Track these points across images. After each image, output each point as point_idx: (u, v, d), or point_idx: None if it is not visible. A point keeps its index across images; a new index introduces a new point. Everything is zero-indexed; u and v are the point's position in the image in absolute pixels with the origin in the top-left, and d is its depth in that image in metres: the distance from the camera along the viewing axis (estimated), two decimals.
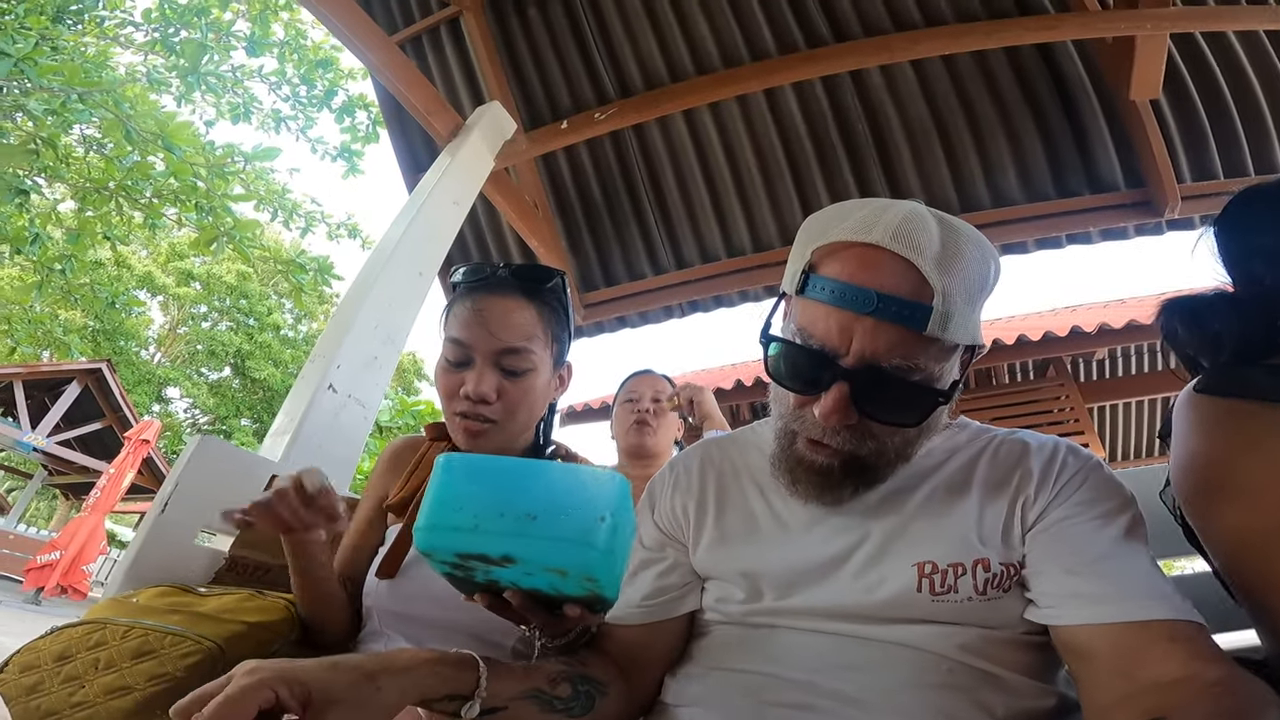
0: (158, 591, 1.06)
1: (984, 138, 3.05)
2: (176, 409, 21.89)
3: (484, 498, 0.59)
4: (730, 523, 0.82)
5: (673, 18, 3.14)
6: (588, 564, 0.58)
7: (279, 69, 9.14)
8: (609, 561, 0.58)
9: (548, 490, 0.59)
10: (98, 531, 8.32)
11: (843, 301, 0.64)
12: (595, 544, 0.57)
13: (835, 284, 0.65)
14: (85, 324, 17.44)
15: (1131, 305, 6.05)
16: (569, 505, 0.58)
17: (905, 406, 0.67)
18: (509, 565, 0.59)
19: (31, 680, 0.90)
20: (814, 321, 0.67)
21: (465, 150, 2.80)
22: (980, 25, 2.72)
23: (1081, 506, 0.68)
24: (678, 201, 3.60)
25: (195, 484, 1.27)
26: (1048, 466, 0.72)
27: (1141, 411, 6.17)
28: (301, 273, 7.84)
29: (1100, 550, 0.64)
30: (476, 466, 0.61)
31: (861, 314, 0.63)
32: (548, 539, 0.57)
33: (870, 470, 0.70)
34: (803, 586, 0.74)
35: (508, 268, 1.04)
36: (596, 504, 0.58)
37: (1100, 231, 3.05)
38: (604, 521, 0.57)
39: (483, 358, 0.99)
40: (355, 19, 2.56)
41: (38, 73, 5.44)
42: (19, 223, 7.14)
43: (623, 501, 0.60)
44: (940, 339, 0.63)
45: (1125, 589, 0.61)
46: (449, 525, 0.58)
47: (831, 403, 0.65)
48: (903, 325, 0.63)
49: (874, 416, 0.67)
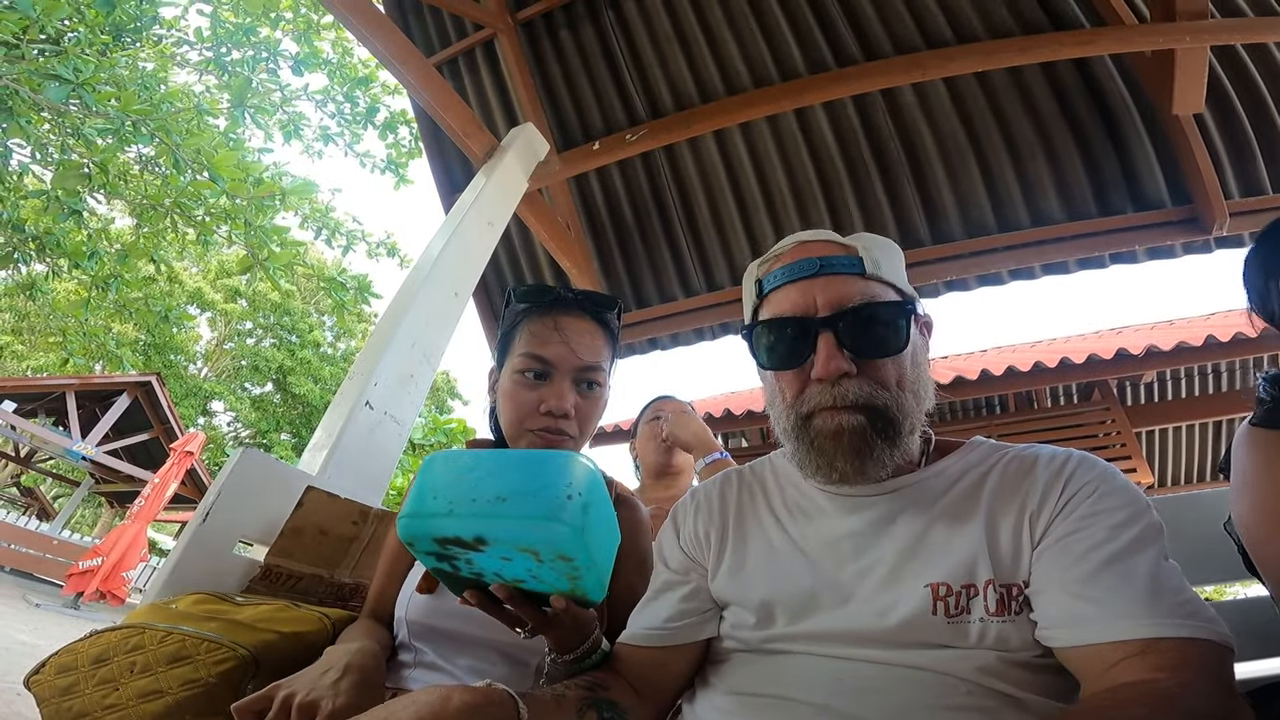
0: (196, 599, 1.08)
1: (1021, 155, 3.00)
2: (220, 422, 22.57)
3: (458, 484, 0.62)
4: (749, 551, 0.83)
5: (702, 39, 3.18)
6: (557, 541, 0.59)
7: (325, 87, 9.49)
8: (581, 540, 0.59)
9: (517, 474, 0.62)
10: (139, 539, 8.57)
11: (795, 275, 0.76)
12: (563, 519, 0.59)
13: (783, 269, 0.78)
14: (137, 338, 18.15)
15: (1180, 326, 5.85)
16: (537, 485, 0.60)
17: (886, 333, 0.73)
18: (484, 548, 0.62)
19: (67, 681, 0.93)
20: (780, 304, 0.77)
21: (500, 171, 2.85)
22: (1014, 41, 2.69)
23: (1086, 519, 0.67)
24: (709, 223, 3.61)
25: (236, 495, 1.31)
26: (1054, 479, 0.71)
27: (1192, 436, 5.93)
28: (342, 290, 8.08)
29: (1095, 567, 0.63)
30: (453, 458, 0.66)
31: (813, 277, 0.75)
32: (516, 518, 0.59)
33: (893, 424, 0.73)
34: (817, 611, 0.73)
35: (573, 291, 1.09)
36: (564, 483, 0.60)
37: (1146, 250, 2.96)
38: (571, 500, 0.59)
39: (562, 374, 1.03)
40: (395, 41, 2.65)
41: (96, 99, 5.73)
42: (77, 238, 7.51)
43: (593, 484, 0.62)
44: (880, 277, 0.75)
45: (1113, 607, 0.60)
46: (425, 512, 0.62)
47: (825, 352, 0.72)
48: (847, 273, 0.75)
49: (865, 353, 0.73)
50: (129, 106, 5.95)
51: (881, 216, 3.25)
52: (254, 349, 21.69)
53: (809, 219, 3.39)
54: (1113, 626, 0.59)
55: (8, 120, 5.86)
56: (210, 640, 0.93)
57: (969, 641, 0.66)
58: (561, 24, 3.41)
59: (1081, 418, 5.17)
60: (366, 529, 1.43)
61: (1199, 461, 6.08)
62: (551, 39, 3.46)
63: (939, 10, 2.83)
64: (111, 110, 5.97)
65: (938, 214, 3.17)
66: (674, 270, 3.73)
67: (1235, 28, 2.44)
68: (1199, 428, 5.85)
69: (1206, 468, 6.11)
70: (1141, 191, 2.88)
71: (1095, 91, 2.85)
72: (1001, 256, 3.08)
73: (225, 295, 20.98)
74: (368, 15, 2.55)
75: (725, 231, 3.59)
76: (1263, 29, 2.47)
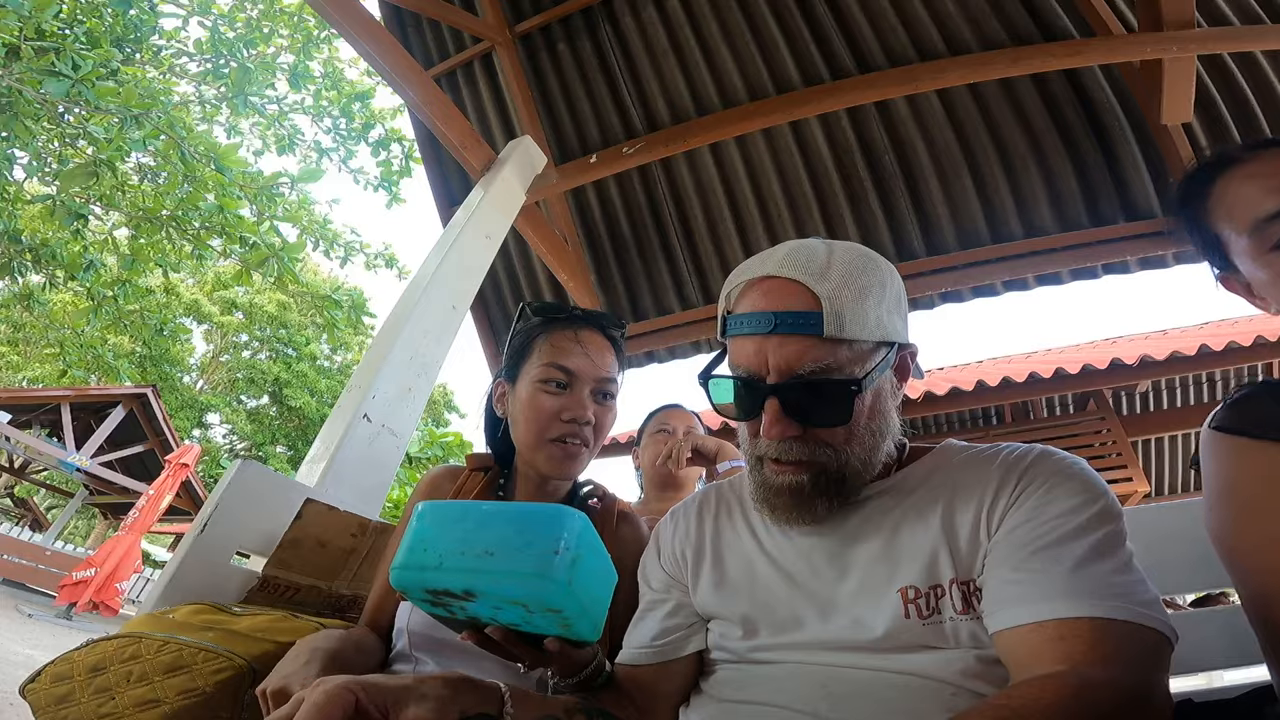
0: (193, 609, 1.08)
1: (1014, 167, 3.03)
2: (215, 434, 22.46)
3: (448, 537, 0.63)
4: (728, 565, 0.85)
5: (698, 52, 3.22)
6: (546, 596, 0.60)
7: (316, 105, 9.56)
8: (569, 594, 0.60)
9: (506, 527, 0.62)
10: (133, 550, 8.51)
11: (751, 328, 0.74)
12: (551, 576, 0.59)
13: (744, 317, 0.75)
14: (133, 350, 18.10)
15: (1174, 336, 5.89)
16: (523, 541, 0.60)
17: (832, 405, 0.72)
18: (474, 600, 0.62)
19: (63, 690, 0.93)
20: (736, 355, 0.77)
21: (498, 184, 2.87)
22: (1005, 52, 2.72)
23: (1035, 510, 0.67)
24: (705, 236, 3.63)
25: (234, 506, 1.30)
26: (1010, 472, 0.72)
27: (1188, 445, 5.95)
28: (336, 307, 8.08)
29: (1029, 553, 0.63)
30: (444, 510, 0.66)
31: (767, 334, 0.72)
32: (504, 573, 0.60)
33: (839, 482, 0.74)
34: (799, 623, 0.75)
35: (585, 311, 1.15)
36: (552, 538, 0.60)
37: (1138, 260, 2.98)
38: (559, 555, 0.59)
39: (583, 383, 1.08)
40: (394, 54, 2.68)
41: (96, 94, 5.76)
42: (75, 249, 7.51)
43: (585, 536, 0.62)
44: (842, 337, 0.70)
45: (1036, 589, 0.60)
46: (416, 564, 0.63)
47: (769, 418, 0.72)
48: (802, 334, 0.71)
49: (809, 421, 0.72)
50: (131, 100, 5.98)
51: (876, 228, 3.27)
52: (250, 361, 21.63)
53: (804, 231, 3.41)
54: (1032, 608, 0.59)
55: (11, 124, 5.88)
56: (207, 650, 0.93)
57: (948, 642, 0.67)
58: (559, 37, 3.45)
59: (1077, 428, 5.19)
60: (365, 541, 1.42)
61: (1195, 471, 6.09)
62: (549, 52, 3.49)
63: (931, 23, 2.87)
64: (114, 105, 5.99)
65: (932, 226, 3.20)
66: (670, 283, 3.74)
67: (1222, 37, 2.47)
68: (1194, 437, 5.86)
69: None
70: (1132, 202, 2.91)
71: (1085, 102, 2.89)
72: (995, 268, 3.10)
73: (222, 308, 20.96)
74: (367, 27, 2.57)
75: (721, 244, 3.61)
76: (1249, 38, 2.50)
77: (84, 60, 5.79)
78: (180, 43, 8.78)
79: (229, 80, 8.25)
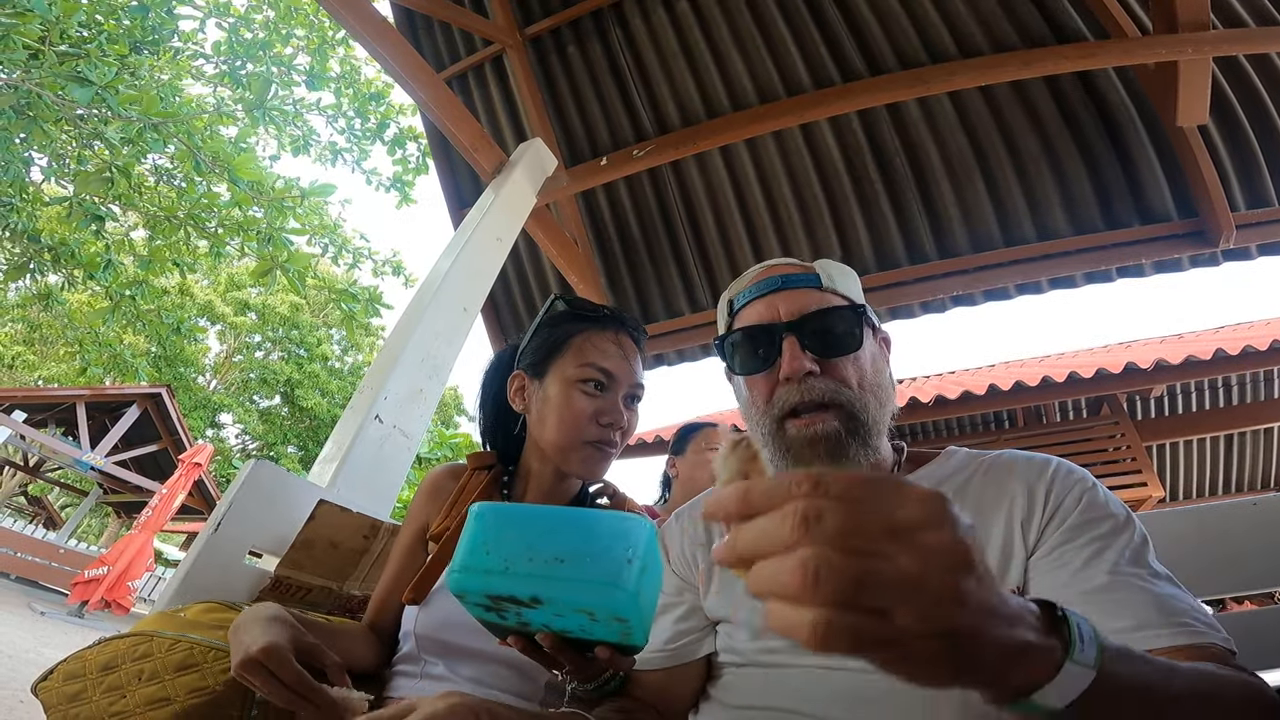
0: (205, 607, 1.09)
1: (1027, 169, 3.00)
2: (228, 434, 22.66)
3: (514, 542, 0.62)
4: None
5: (708, 55, 3.22)
6: (616, 605, 0.59)
7: (335, 103, 9.64)
8: (637, 603, 0.60)
9: (575, 534, 0.62)
10: (146, 549, 8.60)
11: (760, 292, 0.85)
12: (624, 585, 0.58)
13: (750, 290, 0.86)
14: (148, 350, 18.31)
15: (1189, 340, 5.82)
16: (596, 549, 0.60)
17: (843, 334, 0.80)
18: (538, 607, 0.62)
19: (74, 689, 0.93)
20: (748, 317, 0.85)
21: (509, 187, 2.87)
22: (1017, 54, 2.70)
23: (1076, 530, 0.67)
24: (715, 238, 3.62)
25: (247, 506, 1.31)
26: (1037, 485, 0.72)
27: (1203, 449, 5.89)
28: (353, 301, 8.15)
29: (1097, 582, 0.63)
30: (507, 513, 0.65)
31: (777, 291, 0.84)
32: (576, 581, 0.59)
33: (862, 424, 0.76)
34: None
35: (616, 311, 1.14)
36: (623, 547, 0.60)
37: (1153, 264, 2.94)
38: (631, 564, 0.59)
39: (620, 388, 1.07)
40: (406, 56, 2.69)
41: (118, 101, 5.82)
42: (93, 249, 7.61)
43: (650, 545, 0.62)
44: (835, 290, 0.84)
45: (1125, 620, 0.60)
46: (480, 568, 0.62)
47: (789, 353, 0.77)
48: (805, 287, 0.83)
49: (826, 352, 0.78)
50: (151, 110, 6.05)
51: (888, 231, 3.25)
52: (262, 362, 21.82)
53: (815, 234, 3.40)
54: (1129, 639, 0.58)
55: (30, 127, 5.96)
56: (217, 648, 0.94)
57: None
58: (570, 40, 3.46)
59: (1091, 432, 5.14)
60: (377, 543, 1.43)
61: (1209, 475, 6.02)
62: (560, 55, 3.50)
63: (942, 24, 2.85)
64: (134, 113, 6.06)
65: (944, 229, 3.17)
66: (680, 285, 3.73)
67: (1237, 38, 2.44)
68: (1209, 441, 5.80)
69: (1218, 481, 6.05)
70: (1147, 205, 2.88)
71: (1099, 104, 2.86)
72: (1008, 271, 3.07)
73: (235, 308, 21.16)
74: (379, 30, 2.59)
75: (731, 247, 3.60)
76: (1264, 39, 2.46)
77: (107, 66, 5.86)
78: (198, 44, 8.88)
79: (248, 86, 8.33)
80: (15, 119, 5.90)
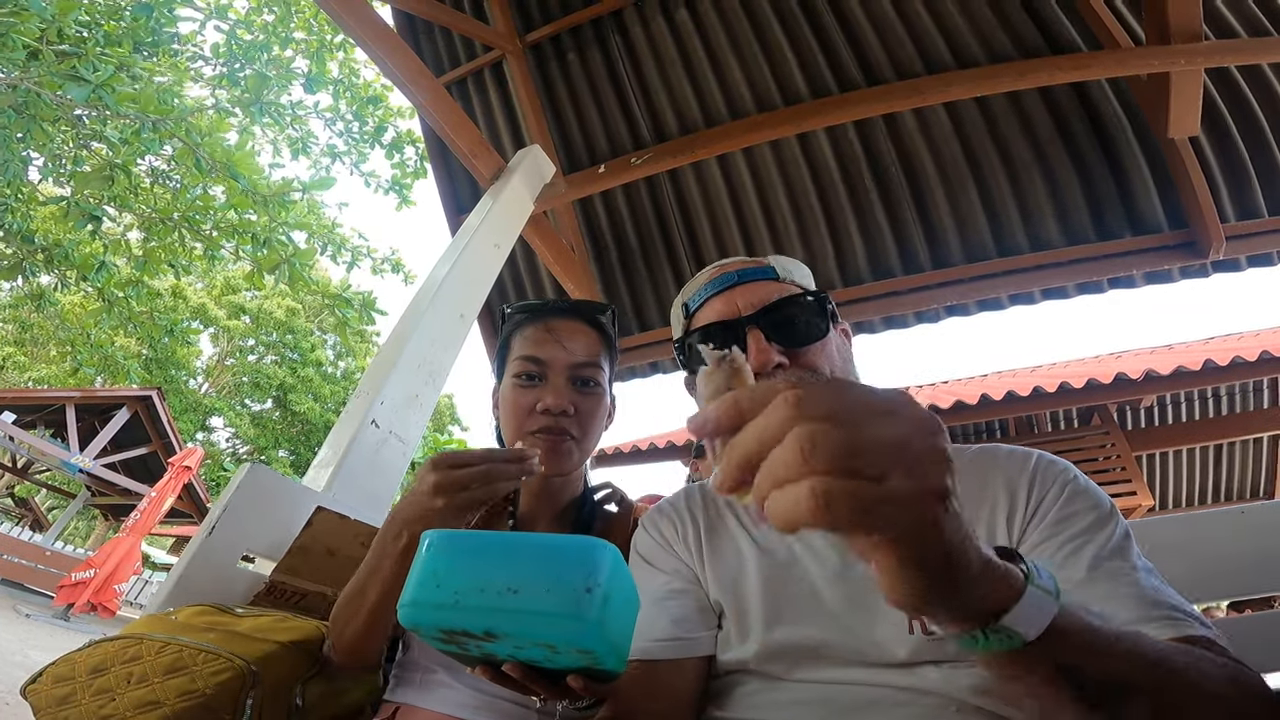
0: (196, 610, 1.08)
1: (1020, 180, 3.03)
2: (219, 438, 22.53)
3: (465, 573, 0.58)
4: (722, 563, 0.82)
5: (707, 64, 3.23)
6: (576, 637, 0.55)
7: (333, 105, 9.64)
8: (600, 633, 0.55)
9: (531, 563, 0.57)
10: (133, 552, 8.52)
11: (716, 289, 0.84)
12: (583, 616, 0.54)
13: (705, 289, 0.86)
14: (139, 352, 18.19)
15: (1179, 351, 5.87)
16: (552, 578, 0.56)
17: (808, 320, 0.79)
18: (495, 640, 0.58)
19: (63, 691, 0.92)
20: (706, 316, 0.84)
21: (506, 193, 2.87)
22: (1012, 65, 2.73)
23: (1059, 525, 0.67)
24: (711, 246, 3.62)
25: (242, 509, 1.30)
26: (1019, 480, 0.71)
27: (1192, 459, 5.93)
28: (347, 307, 8.12)
29: (1080, 576, 0.63)
30: (457, 541, 0.61)
31: (733, 286, 0.83)
32: (531, 613, 0.55)
33: None
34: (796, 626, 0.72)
35: (566, 300, 1.11)
36: (582, 575, 0.55)
37: (1144, 275, 2.97)
38: (591, 592, 0.55)
39: (556, 372, 1.04)
40: (405, 61, 2.69)
41: (116, 99, 5.81)
42: (87, 249, 7.57)
43: (615, 570, 0.58)
44: (793, 281, 0.84)
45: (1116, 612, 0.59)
46: (429, 602, 0.58)
47: (755, 346, 0.76)
48: (762, 279, 0.83)
49: (792, 342, 0.77)
50: (149, 108, 6.03)
51: (882, 241, 3.27)
52: (255, 366, 21.72)
53: (810, 242, 3.42)
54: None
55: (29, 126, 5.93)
56: (207, 651, 0.93)
57: (950, 654, 0.65)
58: (569, 47, 3.47)
59: (1082, 442, 5.17)
60: None
61: (1199, 485, 6.07)
62: (559, 62, 3.52)
63: (939, 35, 2.88)
64: (132, 111, 6.05)
65: (938, 238, 3.20)
66: (676, 293, 3.73)
67: (1229, 49, 2.46)
68: (1199, 451, 5.84)
69: (1207, 490, 6.09)
70: (1139, 215, 2.91)
71: (1092, 115, 2.89)
72: (1001, 281, 3.09)
73: (229, 311, 21.07)
74: (379, 34, 2.59)
75: (728, 254, 3.60)
76: (1256, 50, 2.49)
77: (104, 65, 5.85)
78: (197, 46, 8.88)
79: (246, 86, 8.32)
80: (14, 118, 5.88)
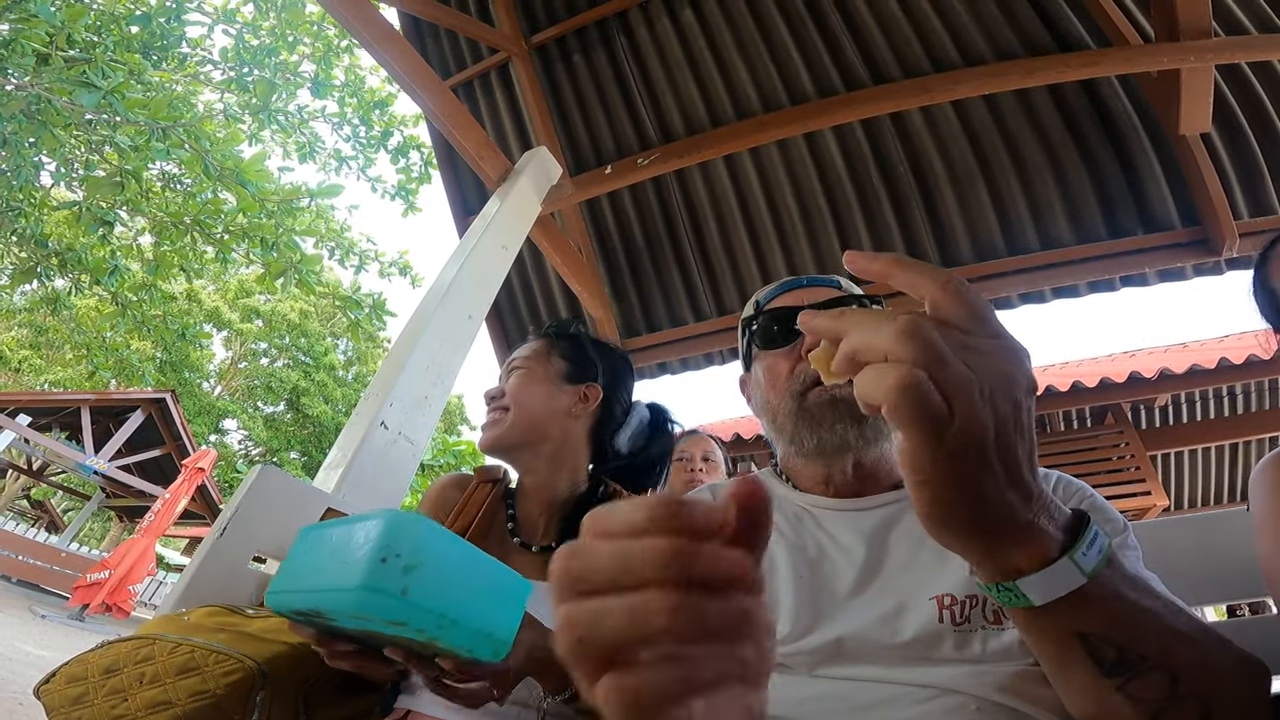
0: (208, 611, 1.09)
1: (1030, 178, 3.00)
2: (232, 440, 22.71)
3: (299, 559, 0.63)
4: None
5: (713, 64, 3.23)
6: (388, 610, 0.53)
7: (339, 111, 9.70)
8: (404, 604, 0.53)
9: (332, 542, 0.58)
10: (148, 553, 8.60)
11: (785, 288, 0.95)
12: (381, 587, 0.52)
13: (776, 288, 0.97)
14: (153, 355, 18.38)
15: (1193, 349, 5.80)
16: (346, 554, 0.55)
17: None
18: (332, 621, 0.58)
19: (76, 691, 0.93)
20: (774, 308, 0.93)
21: (514, 195, 2.87)
22: (1020, 63, 2.70)
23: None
24: (719, 247, 3.62)
25: (254, 511, 1.31)
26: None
27: (1207, 459, 5.85)
28: (358, 308, 8.18)
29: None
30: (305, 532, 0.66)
31: (801, 287, 0.95)
32: (330, 590, 0.55)
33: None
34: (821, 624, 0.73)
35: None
36: (378, 547, 0.53)
37: (1156, 273, 2.93)
38: (387, 562, 0.53)
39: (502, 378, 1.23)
40: (412, 63, 2.70)
41: (125, 105, 5.87)
42: (100, 254, 7.66)
43: (421, 543, 0.55)
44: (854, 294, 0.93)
45: None
46: (276, 588, 0.63)
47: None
48: (828, 287, 0.94)
49: None
50: (159, 114, 6.10)
51: (890, 240, 3.25)
52: (268, 369, 21.89)
53: (818, 242, 3.40)
54: None
55: (40, 132, 6.01)
56: (219, 652, 0.94)
57: (974, 653, 0.66)
58: (575, 49, 3.48)
59: (1095, 441, 5.12)
60: None
61: (1214, 484, 5.99)
62: (565, 63, 3.52)
63: (946, 33, 2.86)
64: (142, 118, 6.12)
65: (947, 238, 3.17)
66: (684, 294, 3.73)
67: (1239, 46, 2.44)
68: (1214, 450, 5.77)
69: (1223, 490, 6.02)
70: (1150, 213, 2.88)
71: (1102, 113, 2.86)
72: (1011, 280, 3.07)
73: (242, 315, 21.24)
74: (385, 37, 2.60)
75: (735, 255, 3.60)
76: (1266, 46, 2.46)
77: (114, 71, 5.92)
78: (206, 50, 8.97)
79: (254, 90, 8.40)
80: (25, 123, 5.96)
